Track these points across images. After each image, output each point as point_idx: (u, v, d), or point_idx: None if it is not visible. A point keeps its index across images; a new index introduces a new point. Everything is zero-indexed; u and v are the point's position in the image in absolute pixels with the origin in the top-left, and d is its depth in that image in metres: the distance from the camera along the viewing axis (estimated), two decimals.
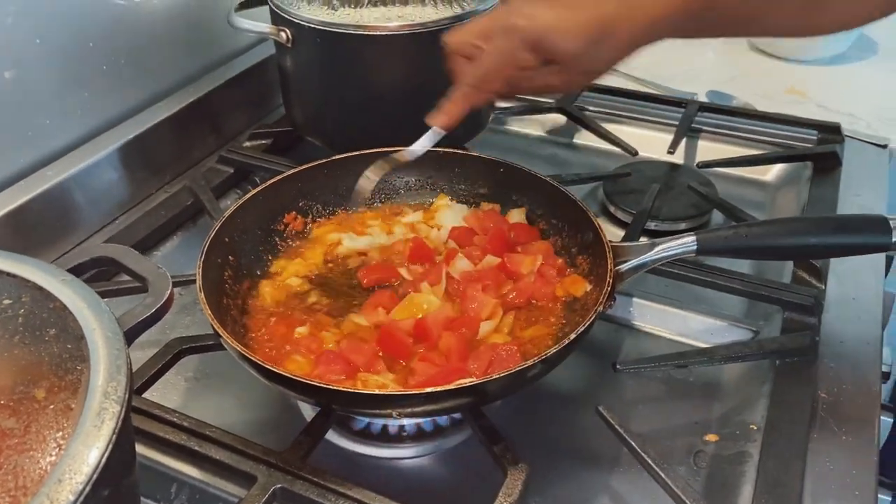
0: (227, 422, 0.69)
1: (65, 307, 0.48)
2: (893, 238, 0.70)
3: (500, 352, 0.68)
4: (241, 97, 1.18)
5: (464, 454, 0.71)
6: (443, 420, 0.72)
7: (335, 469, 0.63)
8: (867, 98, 1.25)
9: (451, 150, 0.91)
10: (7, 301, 0.48)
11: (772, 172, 1.11)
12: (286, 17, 0.96)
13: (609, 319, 0.86)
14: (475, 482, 0.69)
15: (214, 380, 0.80)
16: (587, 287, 0.76)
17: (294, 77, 1.03)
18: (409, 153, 0.79)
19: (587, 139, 1.18)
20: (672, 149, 1.09)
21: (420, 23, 0.93)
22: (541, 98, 1.23)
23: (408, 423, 0.72)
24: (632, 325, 0.86)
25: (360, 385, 0.66)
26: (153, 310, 0.51)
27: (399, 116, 1.01)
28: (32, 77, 0.92)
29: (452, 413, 0.70)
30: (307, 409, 0.74)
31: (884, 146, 1.11)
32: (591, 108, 1.20)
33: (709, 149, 1.14)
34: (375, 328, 0.74)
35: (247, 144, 1.10)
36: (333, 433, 0.72)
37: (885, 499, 0.70)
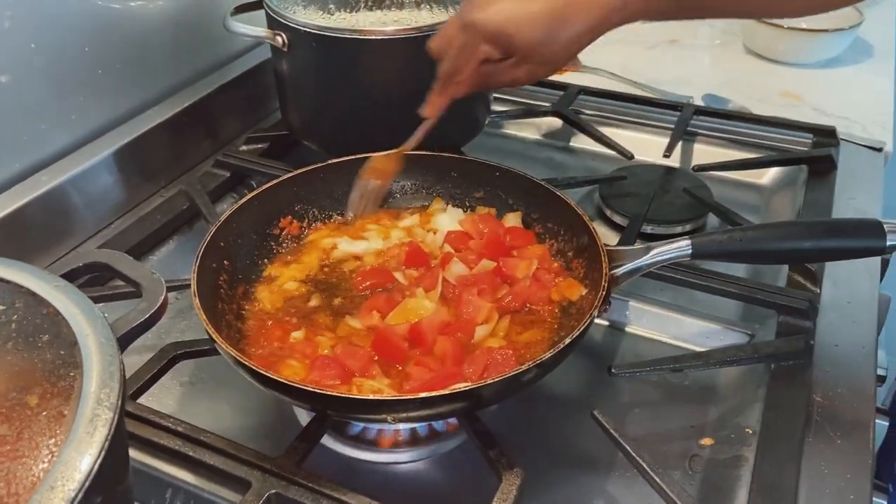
0: (223, 427, 0.69)
1: (58, 313, 0.48)
2: (888, 242, 0.70)
3: (496, 356, 0.68)
4: (238, 101, 1.18)
5: (459, 459, 0.71)
6: (438, 425, 0.72)
7: (330, 474, 0.63)
8: (862, 101, 1.25)
9: (447, 154, 0.91)
10: (0, 307, 0.48)
11: (767, 176, 1.11)
12: (282, 21, 0.95)
13: (605, 323, 0.86)
14: (470, 487, 0.69)
15: (210, 385, 0.79)
16: (582, 291, 0.76)
17: (290, 81, 1.03)
18: (408, 145, 0.84)
19: (583, 143, 1.18)
20: (668, 152, 1.09)
21: (416, 27, 0.93)
22: (537, 101, 1.23)
23: (403, 428, 0.72)
24: (627, 329, 0.86)
25: (355, 390, 0.66)
26: (147, 315, 0.51)
27: (395, 120, 1.01)
28: (27, 82, 0.92)
29: (447, 418, 0.70)
30: (302, 415, 0.74)
31: (879, 149, 1.11)
32: (588, 112, 1.20)
33: (704, 152, 1.14)
34: (370, 332, 0.74)
35: (243, 148, 1.10)
36: (329, 438, 0.72)
37: (881, 502, 0.70)
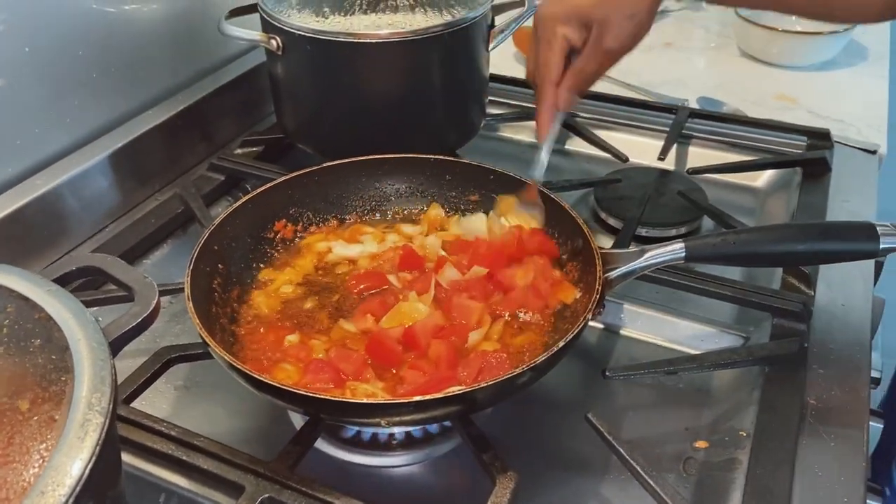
0: (217, 431, 0.69)
1: (50, 317, 0.48)
2: (881, 244, 0.70)
3: (490, 359, 0.68)
4: (232, 104, 1.17)
5: (453, 462, 0.71)
6: (433, 428, 0.72)
7: (324, 478, 0.62)
8: (857, 104, 1.26)
9: (442, 157, 0.91)
10: None
11: (762, 178, 1.12)
12: (276, 25, 0.95)
13: (599, 326, 0.86)
14: (465, 490, 0.69)
15: (204, 389, 0.79)
16: (577, 294, 0.76)
17: (285, 84, 1.03)
18: (535, 176, 0.85)
19: (578, 145, 1.18)
20: (662, 155, 1.09)
21: (410, 30, 0.93)
22: (532, 104, 1.23)
23: (397, 432, 0.72)
24: (622, 332, 0.86)
25: (349, 394, 0.66)
26: (139, 319, 0.51)
27: (390, 123, 1.01)
28: (21, 85, 0.92)
29: (441, 421, 0.70)
30: (296, 419, 0.74)
31: (873, 152, 1.11)
32: (583, 115, 1.20)
33: (699, 155, 1.14)
34: (364, 335, 0.74)
35: (238, 152, 1.10)
36: (323, 442, 0.72)
37: None
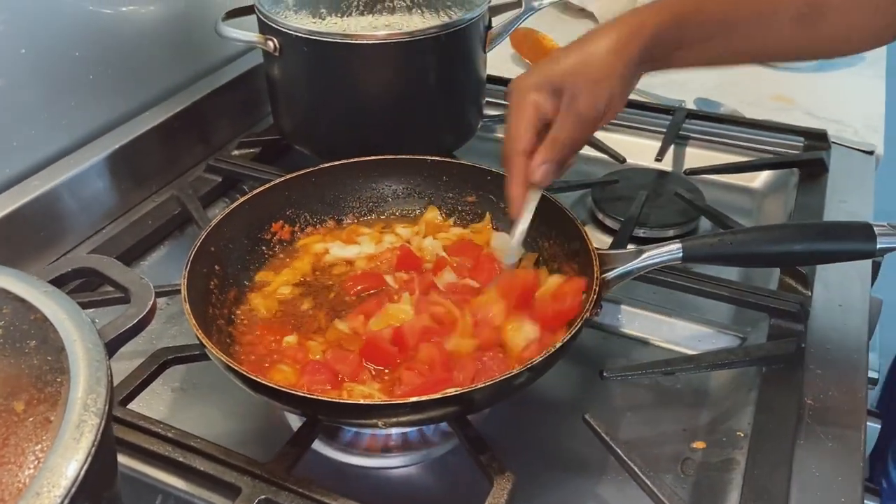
0: (214, 432, 0.69)
1: (45, 319, 0.47)
2: (878, 244, 0.70)
3: (486, 361, 0.68)
4: (230, 106, 1.17)
5: (451, 463, 0.71)
6: (430, 429, 0.72)
7: (321, 480, 0.62)
8: (854, 105, 1.26)
9: (439, 159, 0.91)
10: None
11: (759, 179, 1.12)
12: (273, 27, 0.95)
13: (596, 327, 0.86)
14: (462, 491, 0.69)
15: (201, 390, 0.79)
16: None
17: (282, 86, 1.03)
18: (508, 262, 0.79)
19: None
20: (660, 156, 1.09)
21: (407, 31, 0.93)
22: None
23: (395, 433, 0.72)
24: (619, 333, 0.86)
25: (346, 395, 0.66)
26: (135, 321, 0.51)
27: (387, 124, 1.01)
28: (18, 87, 0.92)
29: (439, 422, 0.70)
30: (294, 420, 0.74)
31: (870, 153, 1.11)
32: None
33: (696, 156, 1.14)
34: (357, 336, 0.74)
35: (235, 153, 1.10)
36: (320, 443, 0.72)
37: None
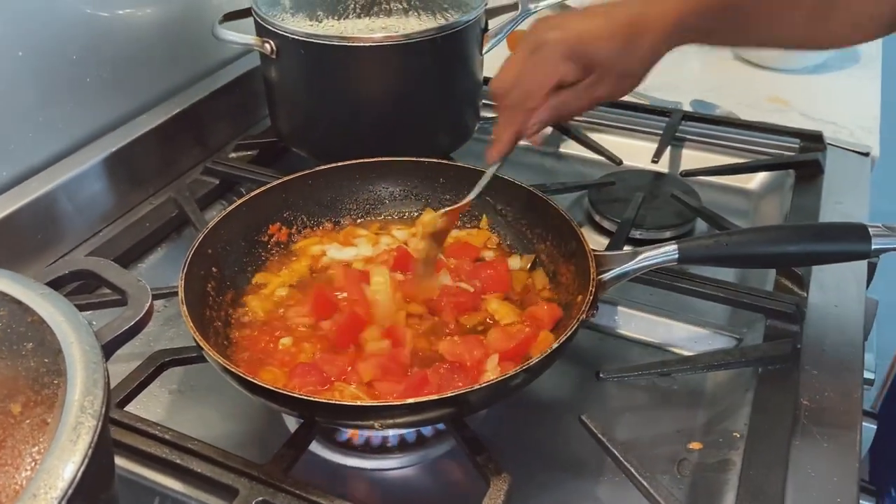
0: (211, 434, 0.69)
1: (42, 321, 0.48)
2: (873, 245, 0.70)
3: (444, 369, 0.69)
4: (227, 108, 1.18)
5: (448, 464, 0.71)
6: (427, 430, 0.72)
7: (318, 481, 0.63)
8: (849, 106, 1.26)
9: (435, 160, 0.92)
10: None
11: (755, 181, 1.12)
12: (270, 29, 0.96)
13: (593, 328, 0.86)
14: (459, 492, 0.69)
15: (199, 392, 0.79)
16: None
17: (279, 88, 1.03)
18: (468, 199, 0.80)
19: (572, 148, 1.18)
20: (656, 158, 1.09)
21: (404, 34, 0.94)
22: None
23: (391, 434, 0.72)
24: (616, 334, 0.86)
25: (337, 395, 0.66)
26: (132, 323, 0.51)
27: (384, 127, 1.02)
28: (14, 90, 0.92)
29: (435, 423, 0.70)
30: (291, 422, 0.74)
31: (866, 154, 1.12)
32: (577, 118, 1.21)
33: (693, 157, 1.14)
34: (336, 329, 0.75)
35: (232, 155, 1.10)
36: (317, 445, 0.72)
37: None
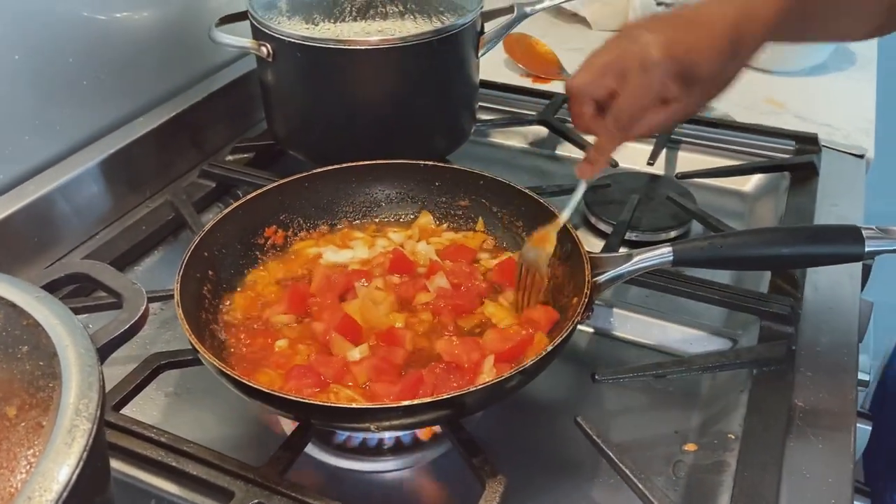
0: (207, 437, 0.69)
1: (38, 324, 0.48)
2: (866, 248, 0.71)
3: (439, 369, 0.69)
4: (223, 111, 1.17)
5: (444, 467, 0.71)
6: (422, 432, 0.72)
7: (314, 484, 0.63)
8: (845, 108, 1.27)
9: (432, 163, 0.92)
10: None
11: (750, 183, 1.12)
12: (267, 32, 0.96)
13: (588, 330, 0.87)
14: (454, 494, 0.69)
15: (195, 395, 0.79)
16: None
17: (276, 91, 1.03)
18: (563, 217, 0.78)
19: (569, 150, 1.18)
20: (652, 160, 1.10)
21: (400, 37, 0.94)
22: (523, 110, 1.24)
23: (387, 437, 0.72)
24: (611, 335, 0.86)
25: (333, 397, 0.66)
26: (127, 326, 0.51)
27: (380, 129, 1.02)
28: (11, 93, 0.92)
29: (431, 425, 0.70)
30: (287, 424, 0.74)
31: (861, 156, 1.12)
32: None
33: (688, 160, 1.15)
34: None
35: (229, 158, 1.10)
36: (313, 447, 0.72)
37: None
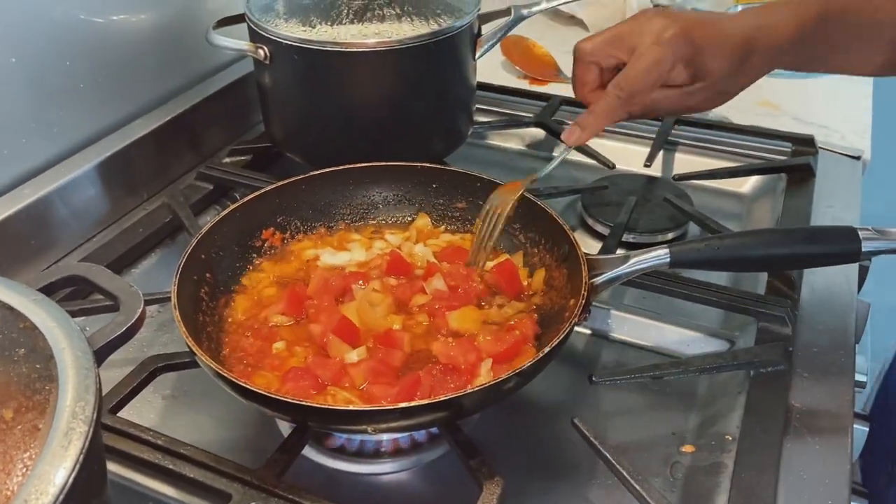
0: (204, 439, 0.69)
1: (34, 327, 0.48)
2: (863, 249, 0.71)
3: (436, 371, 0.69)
4: (221, 114, 1.18)
5: (441, 468, 0.71)
6: (420, 435, 0.72)
7: (312, 486, 0.63)
8: (841, 110, 1.27)
9: (429, 165, 0.92)
10: None
11: (747, 184, 1.12)
12: (264, 35, 0.96)
13: (586, 331, 0.87)
14: (452, 496, 0.69)
15: (192, 397, 0.79)
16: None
17: (273, 94, 1.04)
18: (540, 174, 0.79)
19: None
20: (649, 162, 1.10)
21: (397, 39, 0.94)
22: (520, 112, 1.24)
23: (385, 439, 0.72)
24: (608, 337, 0.86)
25: (330, 399, 0.66)
26: (124, 328, 0.51)
27: (377, 132, 1.02)
28: (8, 96, 0.92)
29: (429, 427, 0.70)
30: (285, 426, 0.74)
31: (857, 157, 1.12)
32: (570, 123, 1.20)
33: (685, 161, 1.15)
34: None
35: (226, 161, 1.10)
36: (311, 449, 0.72)
37: None
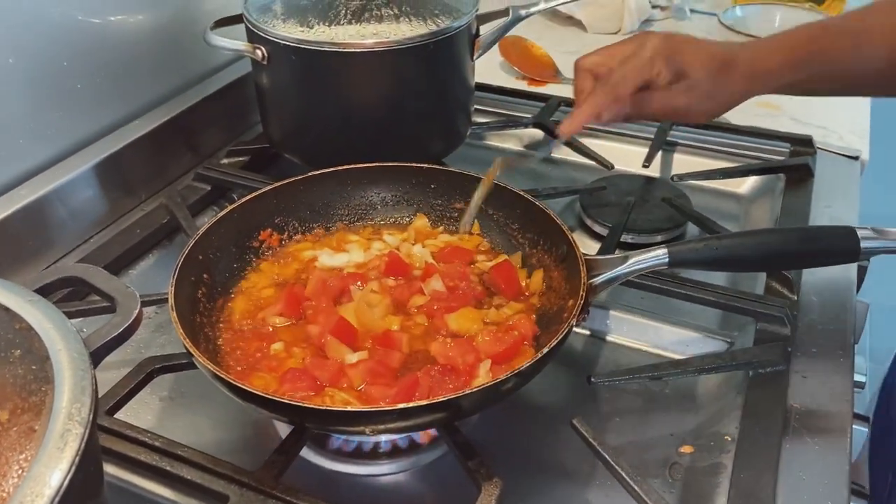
0: (202, 441, 0.69)
1: (30, 328, 0.47)
2: (861, 248, 0.71)
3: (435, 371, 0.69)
4: (218, 114, 1.17)
5: (440, 470, 0.71)
6: (418, 436, 0.72)
7: (310, 487, 0.62)
8: (839, 110, 1.26)
9: (427, 166, 0.92)
10: None
11: (746, 185, 1.12)
12: (261, 35, 0.96)
13: (584, 332, 0.86)
14: (450, 498, 0.69)
15: (189, 399, 0.79)
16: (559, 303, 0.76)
17: (271, 94, 1.03)
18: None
19: (564, 153, 1.18)
20: (647, 162, 1.10)
21: (395, 40, 0.94)
22: (518, 113, 1.24)
23: (383, 440, 0.72)
24: (607, 338, 0.86)
25: (328, 401, 0.66)
26: (120, 329, 0.51)
27: (375, 132, 1.02)
28: (5, 97, 0.91)
29: (427, 429, 0.70)
30: (283, 428, 0.74)
31: (855, 158, 1.12)
32: None
33: (683, 162, 1.15)
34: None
35: (224, 161, 1.10)
36: (309, 451, 0.72)
37: None
